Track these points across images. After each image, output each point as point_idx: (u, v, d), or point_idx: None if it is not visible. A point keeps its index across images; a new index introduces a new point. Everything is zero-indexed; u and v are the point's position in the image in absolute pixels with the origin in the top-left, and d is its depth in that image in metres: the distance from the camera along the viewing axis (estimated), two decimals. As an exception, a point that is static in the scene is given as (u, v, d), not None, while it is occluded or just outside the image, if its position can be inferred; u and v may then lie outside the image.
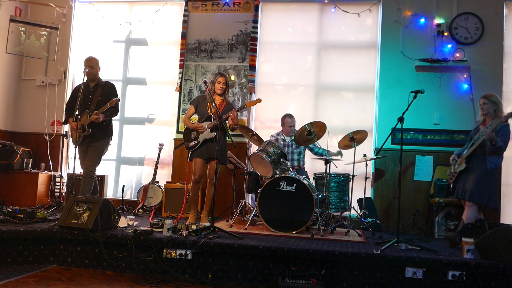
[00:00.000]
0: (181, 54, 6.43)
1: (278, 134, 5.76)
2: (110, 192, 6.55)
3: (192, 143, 4.94)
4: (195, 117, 5.14)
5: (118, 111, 5.27)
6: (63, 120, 5.44)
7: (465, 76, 5.72)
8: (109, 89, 5.20)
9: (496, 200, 4.40)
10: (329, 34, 6.28)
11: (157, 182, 6.02)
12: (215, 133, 4.71)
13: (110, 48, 6.78)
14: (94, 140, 5.08)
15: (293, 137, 5.35)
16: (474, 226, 4.36)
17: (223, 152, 4.97)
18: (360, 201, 5.41)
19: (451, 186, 4.57)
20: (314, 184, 5.20)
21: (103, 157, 5.23)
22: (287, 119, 5.64)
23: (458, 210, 5.05)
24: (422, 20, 5.88)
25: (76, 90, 5.26)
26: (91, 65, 5.17)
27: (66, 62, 6.69)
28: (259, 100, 4.98)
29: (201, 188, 5.28)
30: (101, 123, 5.00)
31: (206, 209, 4.99)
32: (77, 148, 5.15)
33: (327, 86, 6.23)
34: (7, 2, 6.40)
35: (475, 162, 4.42)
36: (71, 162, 5.37)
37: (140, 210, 5.84)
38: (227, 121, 4.90)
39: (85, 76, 5.16)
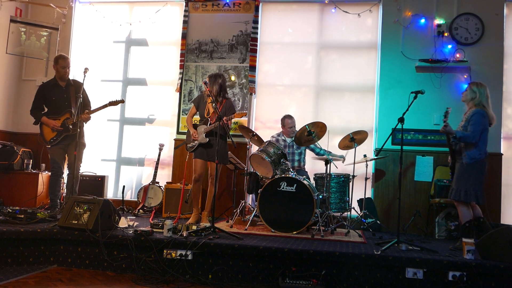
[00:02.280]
0: (181, 55, 6.43)
1: (278, 134, 5.76)
2: (110, 193, 6.54)
3: (190, 145, 5.02)
4: (198, 117, 5.17)
5: None
6: (34, 120, 5.18)
7: (465, 76, 5.72)
8: (79, 87, 5.05)
9: (476, 194, 4.21)
10: (329, 35, 6.28)
11: (157, 182, 6.02)
12: (209, 139, 4.83)
13: (110, 49, 6.78)
14: (75, 138, 4.95)
15: (293, 138, 5.35)
16: (474, 224, 4.30)
17: (223, 153, 4.98)
18: (360, 201, 5.40)
19: None
20: (314, 185, 5.20)
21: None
22: (287, 120, 5.64)
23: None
24: (423, 20, 5.88)
25: (43, 89, 5.20)
26: (68, 65, 5.16)
27: (66, 62, 6.69)
28: (244, 113, 4.93)
29: (202, 188, 5.29)
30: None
31: (207, 209, 5.01)
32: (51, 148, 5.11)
33: (327, 87, 6.23)
34: (7, 3, 6.40)
35: (457, 159, 4.40)
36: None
37: (141, 210, 5.83)
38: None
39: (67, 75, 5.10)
